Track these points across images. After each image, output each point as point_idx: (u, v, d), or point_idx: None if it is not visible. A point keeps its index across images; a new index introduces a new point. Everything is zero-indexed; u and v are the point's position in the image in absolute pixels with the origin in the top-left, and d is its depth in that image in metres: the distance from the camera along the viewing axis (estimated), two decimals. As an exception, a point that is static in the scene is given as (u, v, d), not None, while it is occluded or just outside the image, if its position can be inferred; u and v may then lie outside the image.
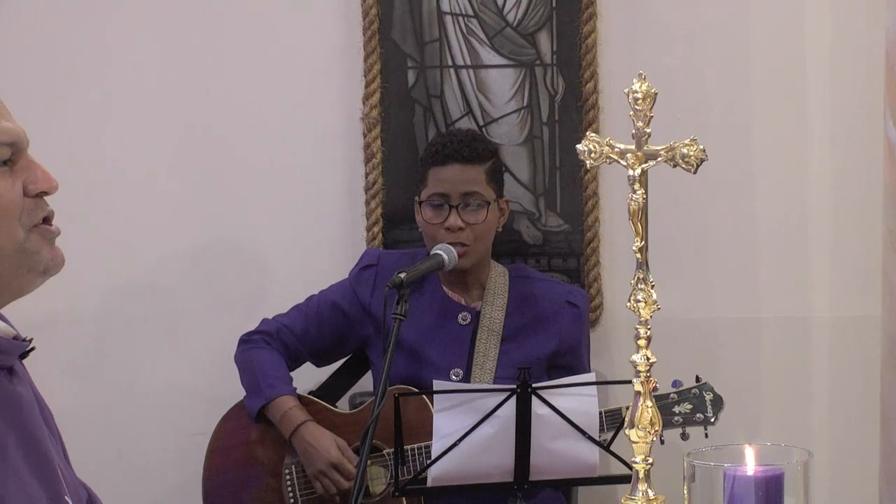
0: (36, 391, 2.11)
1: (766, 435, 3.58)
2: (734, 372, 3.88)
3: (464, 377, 3.66)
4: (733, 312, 4.06)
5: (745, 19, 4.00)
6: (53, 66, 4.06)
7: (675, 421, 3.53)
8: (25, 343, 2.04)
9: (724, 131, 3.96)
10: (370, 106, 4.01)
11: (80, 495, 2.11)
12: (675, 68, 3.92)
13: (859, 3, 3.88)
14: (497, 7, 3.99)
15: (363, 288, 3.77)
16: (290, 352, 3.79)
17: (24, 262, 1.96)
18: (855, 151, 3.93)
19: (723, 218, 4.05)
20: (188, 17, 4.05)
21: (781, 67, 4.01)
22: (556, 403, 3.23)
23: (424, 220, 3.66)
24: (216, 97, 4.07)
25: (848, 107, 3.96)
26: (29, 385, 2.09)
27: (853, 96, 3.93)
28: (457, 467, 3.26)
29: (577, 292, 3.83)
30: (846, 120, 3.98)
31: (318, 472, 3.63)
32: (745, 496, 1.78)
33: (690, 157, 2.04)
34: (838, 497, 3.84)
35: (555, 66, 4.00)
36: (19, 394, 2.03)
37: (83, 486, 2.15)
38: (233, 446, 3.76)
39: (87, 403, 4.11)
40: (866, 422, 3.77)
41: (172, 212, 4.11)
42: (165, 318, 4.13)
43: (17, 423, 1.99)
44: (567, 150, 3.98)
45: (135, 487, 4.09)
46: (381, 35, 3.99)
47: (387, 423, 3.30)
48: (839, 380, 4.06)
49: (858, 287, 3.92)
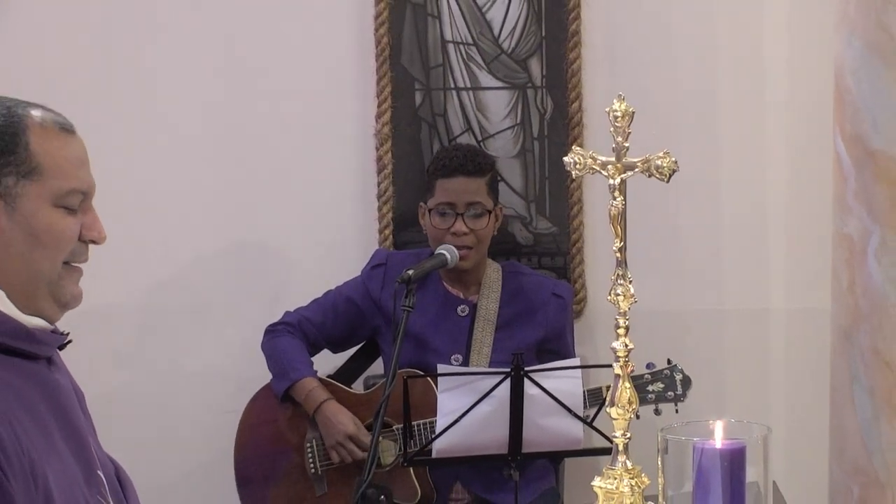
0: (71, 378, 2.12)
1: (730, 412, 3.58)
2: (701, 357, 3.87)
3: (463, 361, 3.66)
4: (700, 304, 4.06)
5: (712, 47, 4.00)
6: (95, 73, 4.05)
7: (649, 398, 3.53)
8: (63, 336, 2.05)
9: (694, 145, 3.96)
10: (382, 123, 4.01)
11: (109, 469, 2.11)
12: (650, 90, 3.92)
13: (812, 35, 3.88)
14: (493, 36, 3.99)
15: (374, 284, 3.77)
16: (310, 340, 3.78)
17: (52, 291, 1.99)
18: (808, 163, 3.93)
19: (691, 222, 4.05)
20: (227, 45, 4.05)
21: (744, 89, 4.01)
22: (546, 385, 3.23)
23: (433, 225, 3.66)
24: (250, 116, 4.06)
25: (802, 124, 3.96)
26: (65, 373, 2.10)
27: (806, 115, 3.93)
28: (458, 441, 3.26)
29: (563, 285, 3.83)
30: (800, 135, 3.98)
31: (336, 444, 3.63)
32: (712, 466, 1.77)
33: (664, 168, 2.04)
34: (793, 467, 3.84)
35: (544, 89, 3.99)
36: (58, 381, 2.04)
37: (111, 460, 2.16)
38: (261, 423, 3.76)
39: (131, 386, 4.10)
40: (817, 402, 3.77)
41: (208, 216, 4.09)
42: (200, 309, 4.12)
43: (57, 406, 2.00)
44: (555, 162, 3.98)
45: (174, 459, 4.08)
46: (391, 61, 3.99)
47: (396, 402, 3.30)
48: (794, 365, 4.06)
49: (810, 283, 3.92)
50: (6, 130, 1.95)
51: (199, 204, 4.10)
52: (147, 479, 2.52)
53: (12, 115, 1.96)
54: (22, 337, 1.95)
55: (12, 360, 1.94)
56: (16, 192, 1.94)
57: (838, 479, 3.60)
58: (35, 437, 1.90)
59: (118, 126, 4.00)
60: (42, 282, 1.97)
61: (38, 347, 1.98)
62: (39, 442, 1.91)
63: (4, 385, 1.90)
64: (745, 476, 1.80)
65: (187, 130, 4.08)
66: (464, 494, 3.67)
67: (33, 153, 1.95)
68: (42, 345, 1.99)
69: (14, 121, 1.96)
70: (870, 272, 3.49)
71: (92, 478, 2.00)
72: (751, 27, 4.00)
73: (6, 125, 1.95)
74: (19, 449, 1.85)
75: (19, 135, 1.95)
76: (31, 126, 1.97)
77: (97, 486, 2.01)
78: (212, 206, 4.09)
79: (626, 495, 2.04)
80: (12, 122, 1.96)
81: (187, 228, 4.10)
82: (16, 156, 1.94)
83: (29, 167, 1.95)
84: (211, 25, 4.05)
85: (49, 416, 1.96)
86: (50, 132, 1.98)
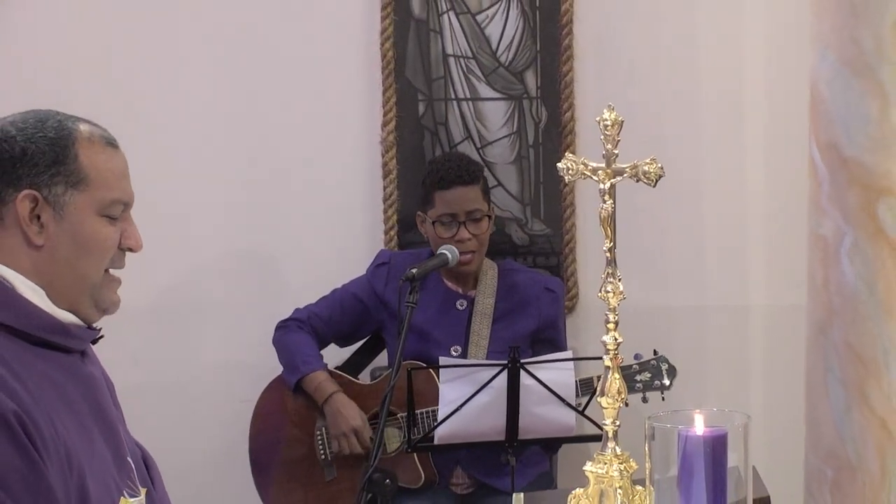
0: (103, 370, 2.13)
1: (713, 402, 3.59)
2: (685, 350, 3.87)
3: (462, 353, 3.66)
4: (685, 301, 4.06)
5: (695, 61, 4.00)
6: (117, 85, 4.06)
7: (636, 387, 3.53)
8: (95, 331, 2.07)
9: (678, 152, 3.96)
10: (387, 132, 4.01)
11: (136, 454, 2.12)
12: (638, 101, 3.92)
13: (789, 47, 3.88)
14: (492, 50, 3.99)
15: (378, 281, 3.77)
16: (319, 335, 3.78)
17: (94, 295, 2.01)
18: (785, 169, 3.93)
19: (676, 223, 4.05)
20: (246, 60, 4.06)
21: (725, 100, 4.01)
22: (540, 376, 3.24)
23: (437, 235, 3.64)
24: (265, 127, 4.07)
25: (779, 132, 3.96)
26: (98, 365, 2.11)
27: (783, 124, 3.93)
28: (459, 428, 3.27)
29: (554, 281, 3.83)
30: (778, 143, 3.98)
31: (340, 434, 3.63)
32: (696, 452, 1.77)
33: (650, 173, 2.04)
34: (772, 453, 3.83)
35: (539, 99, 4.00)
36: (91, 373, 2.05)
37: (138, 445, 2.17)
38: (274, 411, 3.76)
39: (155, 377, 4.10)
40: (794, 392, 3.76)
41: (227, 219, 4.10)
42: (218, 307, 4.13)
43: (91, 396, 2.01)
44: (549, 168, 3.98)
45: (194, 444, 4.09)
46: (396, 74, 3.99)
47: (400, 391, 3.31)
48: (772, 357, 4.05)
49: (787, 281, 3.92)
50: (57, 143, 1.97)
51: (219, 209, 4.11)
52: (170, 463, 2.52)
53: (63, 129, 1.98)
54: (58, 332, 1.97)
55: (49, 353, 1.95)
56: (64, 200, 1.96)
57: (813, 464, 3.60)
58: (70, 425, 1.91)
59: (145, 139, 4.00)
60: (86, 287, 1.99)
61: (72, 342, 2.00)
62: (74, 429, 1.92)
63: (43, 377, 1.91)
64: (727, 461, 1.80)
65: (210, 143, 4.09)
66: (464, 478, 3.67)
67: (81, 165, 1.97)
68: (76, 339, 2.01)
69: (64, 134, 1.98)
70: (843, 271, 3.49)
71: (121, 463, 2.02)
72: (732, 41, 4.00)
73: (57, 138, 1.97)
74: (55, 436, 1.86)
75: (69, 147, 1.97)
76: (79, 139, 1.98)
77: (126, 470, 2.02)
78: (230, 211, 4.10)
79: (615, 479, 2.04)
80: (63, 135, 1.98)
81: (208, 232, 4.11)
82: (65, 166, 1.96)
83: (77, 178, 1.97)
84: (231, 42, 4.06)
85: (83, 405, 1.98)
86: (97, 146, 2.00)
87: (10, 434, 1.80)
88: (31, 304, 1.94)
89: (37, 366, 1.92)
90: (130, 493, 2.01)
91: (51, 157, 1.96)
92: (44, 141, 1.97)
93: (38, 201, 1.95)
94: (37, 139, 1.97)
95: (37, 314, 1.95)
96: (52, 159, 1.96)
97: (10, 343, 1.90)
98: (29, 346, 1.93)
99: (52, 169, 1.96)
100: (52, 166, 1.96)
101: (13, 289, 1.94)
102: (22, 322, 1.92)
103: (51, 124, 1.99)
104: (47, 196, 1.96)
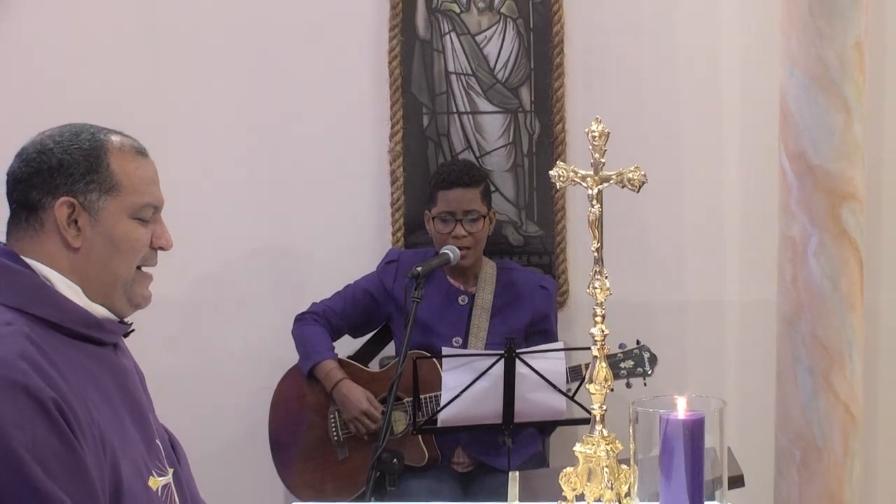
0: (134, 361, 2.13)
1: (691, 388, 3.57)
2: (666, 341, 3.87)
3: (463, 343, 3.66)
4: (666, 296, 4.05)
5: (675, 77, 3.99)
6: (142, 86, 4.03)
7: (621, 374, 3.51)
8: (127, 325, 2.07)
9: (660, 160, 3.96)
10: (395, 142, 4.01)
11: (165, 439, 2.12)
12: (623, 113, 3.91)
13: (760, 64, 3.87)
14: (490, 68, 3.99)
15: (387, 278, 3.77)
16: (333, 327, 3.78)
17: (127, 292, 2.01)
18: (757, 176, 3.93)
19: (658, 225, 4.04)
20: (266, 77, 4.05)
21: (703, 112, 4.00)
22: (534, 364, 3.23)
23: (436, 230, 3.66)
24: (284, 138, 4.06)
25: (752, 142, 3.96)
26: (129, 357, 2.12)
27: (756, 134, 3.92)
28: (460, 412, 3.26)
29: (547, 279, 3.83)
30: (751, 152, 3.97)
31: (352, 418, 3.63)
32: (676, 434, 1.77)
33: (635, 180, 2.03)
34: (745, 435, 3.83)
35: (532, 113, 3.99)
36: (123, 364, 2.05)
37: (166, 430, 2.17)
38: (291, 397, 3.76)
39: (181, 366, 4.09)
40: (765, 379, 3.76)
41: (248, 221, 4.09)
42: (240, 301, 4.12)
43: (122, 386, 2.01)
44: (542, 175, 3.97)
45: (217, 428, 4.09)
46: (403, 89, 3.98)
47: (407, 379, 3.30)
48: (745, 348, 4.05)
49: (759, 278, 3.91)
50: (91, 153, 1.97)
51: (241, 211, 4.09)
52: (195, 446, 2.52)
53: (95, 140, 1.98)
54: (93, 326, 1.97)
55: (84, 345, 1.96)
56: (99, 205, 1.96)
57: (783, 445, 3.60)
58: (104, 412, 1.91)
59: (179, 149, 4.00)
60: (119, 283, 1.99)
61: (106, 335, 2.00)
62: (108, 416, 1.92)
63: (79, 367, 1.91)
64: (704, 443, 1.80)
65: (233, 153, 4.07)
66: (464, 458, 3.66)
67: (113, 172, 1.98)
68: (109, 333, 2.01)
69: (97, 145, 1.98)
70: (810, 269, 3.49)
71: (151, 447, 2.02)
72: (708, 59, 3.99)
73: (91, 149, 1.97)
74: (91, 421, 1.86)
75: (102, 157, 1.98)
76: (111, 149, 1.99)
77: (156, 453, 2.03)
78: (251, 213, 4.09)
79: (602, 459, 2.04)
80: (95, 146, 1.98)
81: (234, 233, 4.10)
82: (99, 174, 1.96)
83: (110, 184, 1.97)
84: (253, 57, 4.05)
85: (115, 393, 1.98)
86: (127, 154, 2.00)
87: (50, 419, 1.80)
88: (69, 302, 1.95)
89: (74, 357, 1.92)
90: (159, 473, 2.01)
91: (85, 167, 1.96)
92: (79, 152, 1.97)
93: (74, 207, 1.96)
94: (72, 150, 1.97)
95: (74, 310, 1.95)
96: (86, 168, 1.96)
97: (50, 337, 1.90)
98: (67, 340, 1.93)
99: (86, 177, 1.96)
100: (86, 175, 1.96)
101: (53, 287, 1.94)
102: (61, 317, 1.93)
103: (84, 136, 1.99)
104: (83, 202, 1.96)
